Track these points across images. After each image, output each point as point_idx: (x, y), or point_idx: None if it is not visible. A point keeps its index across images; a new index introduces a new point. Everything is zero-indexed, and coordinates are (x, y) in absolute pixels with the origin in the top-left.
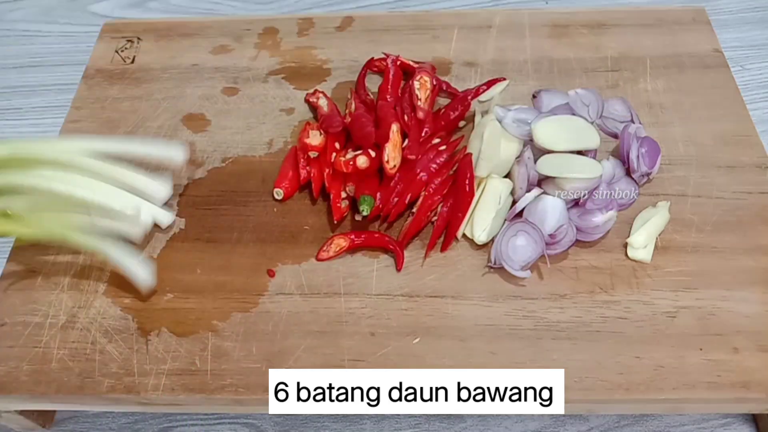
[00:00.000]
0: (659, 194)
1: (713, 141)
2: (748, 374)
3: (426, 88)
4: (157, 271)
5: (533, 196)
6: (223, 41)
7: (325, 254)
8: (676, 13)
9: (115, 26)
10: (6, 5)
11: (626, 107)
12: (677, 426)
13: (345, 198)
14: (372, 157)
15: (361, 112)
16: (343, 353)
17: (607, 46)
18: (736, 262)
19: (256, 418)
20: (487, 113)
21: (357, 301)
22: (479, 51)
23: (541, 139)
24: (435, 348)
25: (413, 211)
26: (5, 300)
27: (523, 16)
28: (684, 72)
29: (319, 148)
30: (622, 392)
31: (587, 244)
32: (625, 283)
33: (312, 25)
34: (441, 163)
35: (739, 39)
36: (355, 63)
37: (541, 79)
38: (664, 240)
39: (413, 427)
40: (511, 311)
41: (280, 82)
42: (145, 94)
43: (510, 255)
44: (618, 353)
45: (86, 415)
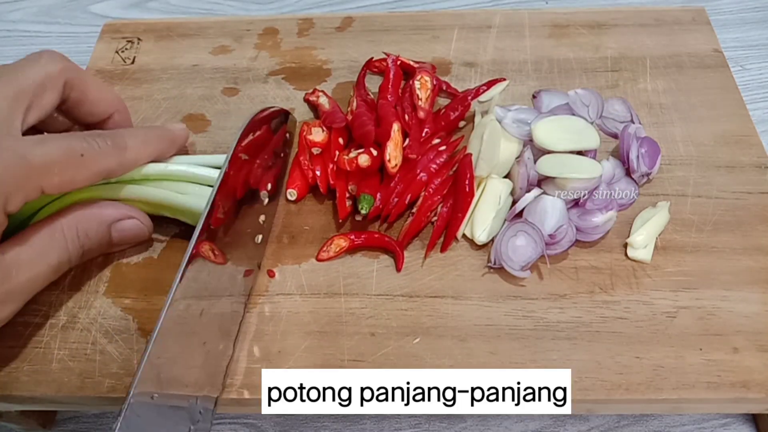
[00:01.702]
0: (659, 194)
1: (713, 141)
2: (748, 374)
3: (426, 88)
4: (158, 271)
5: (533, 197)
6: (223, 41)
7: (325, 254)
8: (676, 13)
9: (115, 26)
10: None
11: (626, 107)
12: (677, 426)
13: (348, 197)
14: (374, 156)
15: (362, 110)
16: (343, 353)
17: (607, 46)
18: (736, 262)
19: (257, 418)
20: (487, 113)
21: (357, 301)
22: (479, 51)
23: (541, 140)
24: (435, 348)
25: (413, 211)
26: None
27: (523, 16)
28: (684, 72)
29: (323, 144)
30: (622, 392)
31: (587, 244)
32: (625, 284)
33: (312, 25)
34: (441, 164)
35: (739, 39)
36: (355, 63)
37: (541, 79)
38: (664, 240)
39: (413, 427)
40: (510, 311)
41: (280, 83)
42: (146, 95)
43: (510, 255)
44: (618, 353)
45: (87, 416)
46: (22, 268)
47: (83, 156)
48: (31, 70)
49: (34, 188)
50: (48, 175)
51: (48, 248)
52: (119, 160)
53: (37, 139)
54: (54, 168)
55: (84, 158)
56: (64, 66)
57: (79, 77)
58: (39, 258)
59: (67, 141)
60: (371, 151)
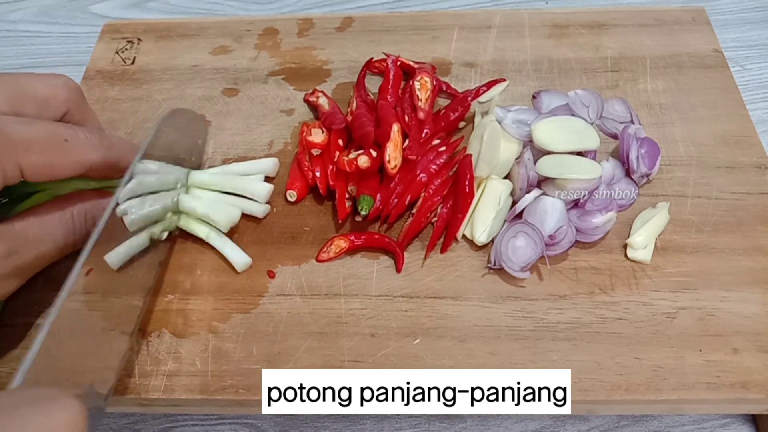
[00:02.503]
0: (659, 195)
1: (713, 141)
2: (748, 375)
3: (426, 89)
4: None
5: (533, 197)
6: (223, 42)
7: (325, 255)
8: (676, 13)
9: (115, 27)
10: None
11: (626, 108)
12: (677, 426)
13: (348, 198)
14: (373, 157)
15: (362, 111)
16: (343, 354)
17: (607, 46)
18: (736, 263)
19: (257, 418)
20: (487, 114)
21: (357, 302)
22: (479, 51)
23: (541, 140)
24: (435, 349)
25: (413, 212)
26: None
27: (523, 16)
28: (684, 72)
29: (322, 145)
30: (622, 393)
31: (587, 245)
32: (625, 284)
33: (312, 25)
34: (441, 164)
35: (739, 39)
36: (355, 63)
37: (541, 79)
38: (663, 241)
39: (413, 427)
40: (510, 312)
41: (280, 83)
42: (146, 95)
43: (509, 256)
44: (617, 354)
45: None
46: (30, 245)
47: (67, 141)
48: (41, 83)
49: (11, 164)
50: (27, 153)
51: (57, 229)
52: (104, 154)
53: (20, 119)
54: (35, 146)
55: (68, 144)
56: (72, 97)
57: (80, 112)
58: (47, 237)
59: (52, 125)
60: (371, 152)
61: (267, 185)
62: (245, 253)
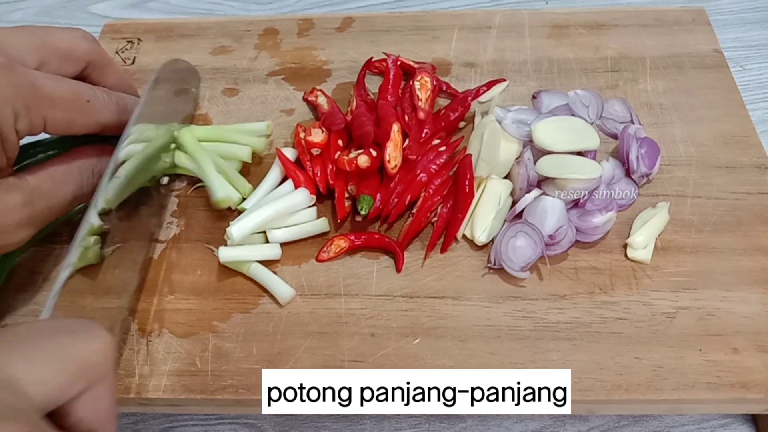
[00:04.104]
0: (659, 195)
1: (713, 141)
2: (748, 375)
3: (427, 89)
4: (156, 272)
5: (533, 197)
6: (223, 42)
7: (325, 255)
8: (676, 13)
9: (115, 27)
10: (6, 5)
11: (626, 108)
12: (677, 426)
13: (348, 197)
14: (373, 157)
15: (361, 111)
16: (343, 354)
17: (607, 46)
18: (736, 263)
19: (257, 418)
20: (487, 114)
21: (357, 301)
22: (479, 51)
23: (541, 140)
24: (435, 349)
25: (413, 212)
26: (6, 300)
27: (523, 16)
28: (684, 72)
29: (322, 145)
30: (622, 393)
31: (587, 245)
32: (625, 284)
33: (312, 25)
34: (441, 164)
35: (739, 39)
36: (355, 63)
37: (541, 79)
38: (663, 240)
39: (413, 427)
40: (510, 312)
41: (280, 83)
42: None
43: (510, 256)
44: (617, 354)
45: None
46: (43, 197)
47: (89, 102)
48: (62, 36)
49: (38, 116)
50: (53, 108)
51: (66, 182)
52: (119, 117)
53: (49, 75)
54: (60, 103)
55: (89, 104)
56: (93, 48)
57: (103, 62)
58: (58, 189)
59: (76, 85)
60: (371, 151)
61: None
62: (288, 285)
